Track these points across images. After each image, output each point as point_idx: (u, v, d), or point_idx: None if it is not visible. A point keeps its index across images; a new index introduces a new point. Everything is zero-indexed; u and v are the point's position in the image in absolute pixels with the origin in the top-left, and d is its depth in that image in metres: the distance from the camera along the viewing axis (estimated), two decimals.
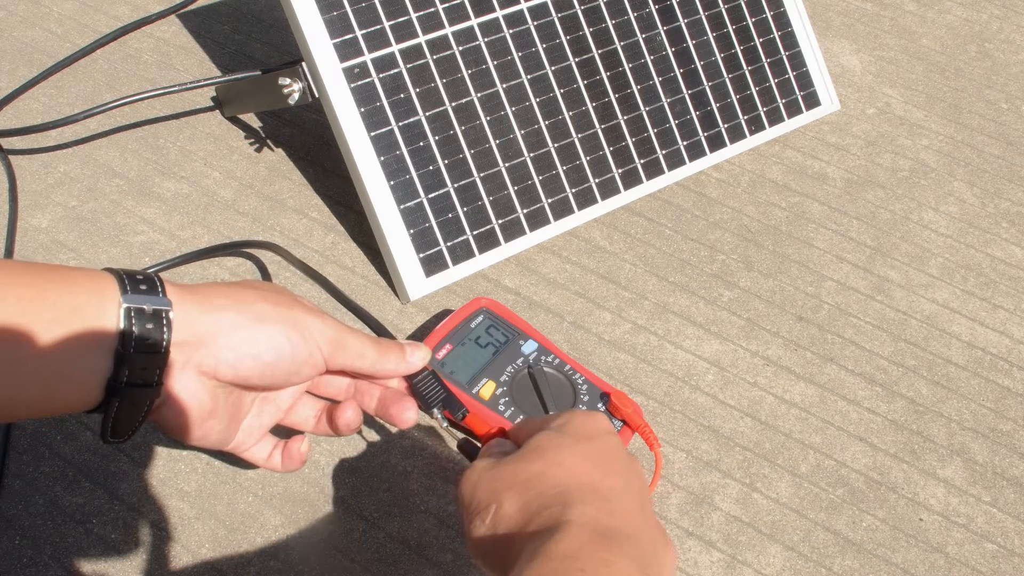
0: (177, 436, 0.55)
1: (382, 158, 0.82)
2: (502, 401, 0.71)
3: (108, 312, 0.49)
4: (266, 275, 0.84)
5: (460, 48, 0.86)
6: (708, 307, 0.85)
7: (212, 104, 1.01)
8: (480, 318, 0.76)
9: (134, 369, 0.49)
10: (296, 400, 0.62)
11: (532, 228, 0.88)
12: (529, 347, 0.75)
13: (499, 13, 0.89)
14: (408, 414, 0.60)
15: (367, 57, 0.82)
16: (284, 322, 0.55)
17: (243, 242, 0.85)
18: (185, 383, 0.53)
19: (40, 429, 0.71)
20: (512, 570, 0.43)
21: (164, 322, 0.50)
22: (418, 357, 0.61)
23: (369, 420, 0.74)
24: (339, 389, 0.63)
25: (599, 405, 0.72)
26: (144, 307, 0.49)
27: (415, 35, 0.85)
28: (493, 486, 0.48)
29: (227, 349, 0.53)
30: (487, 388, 0.71)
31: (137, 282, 0.50)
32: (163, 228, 0.87)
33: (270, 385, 0.56)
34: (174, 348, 0.51)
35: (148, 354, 0.49)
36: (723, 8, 1.00)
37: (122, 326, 0.49)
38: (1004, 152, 1.05)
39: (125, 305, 0.49)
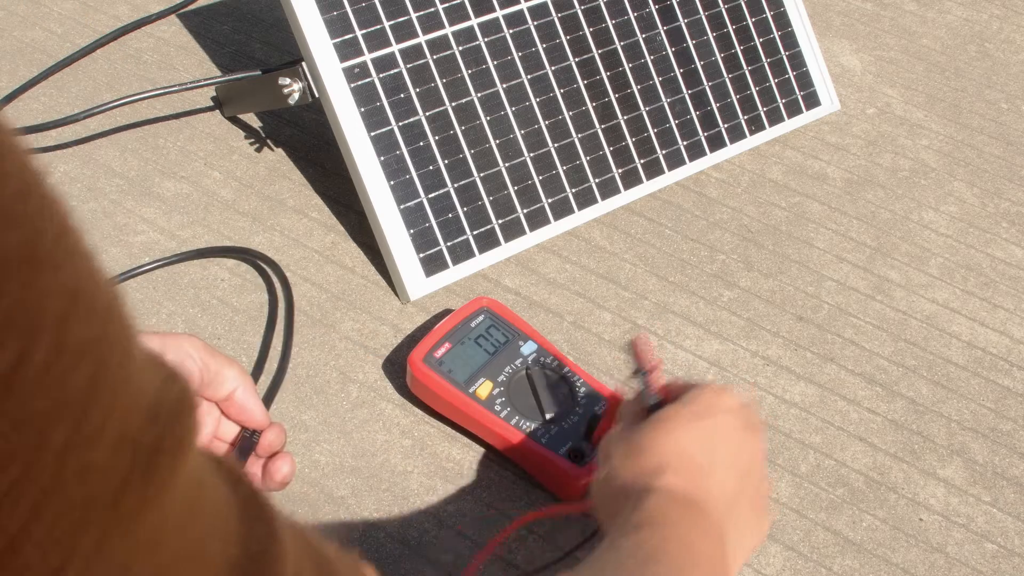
0: None
1: (382, 158, 0.82)
2: (498, 401, 0.71)
3: None
4: (265, 275, 0.84)
5: (460, 48, 0.86)
6: (708, 307, 0.85)
7: (212, 104, 1.01)
8: (481, 318, 0.76)
9: None
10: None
11: (532, 228, 0.88)
12: (528, 348, 0.75)
13: (499, 13, 0.89)
14: (284, 468, 0.58)
15: (367, 57, 0.82)
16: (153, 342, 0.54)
17: (231, 248, 0.85)
18: None
19: None
20: (615, 519, 0.50)
21: None
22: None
23: (371, 419, 0.75)
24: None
25: (597, 408, 0.72)
26: None
27: (415, 35, 0.85)
28: (617, 447, 0.54)
29: None
30: (484, 388, 0.71)
31: None
32: (163, 228, 0.87)
33: None
34: None
35: None
36: (723, 8, 1.00)
37: None
38: (1004, 152, 1.05)
39: None
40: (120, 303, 0.17)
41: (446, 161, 0.85)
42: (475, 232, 0.85)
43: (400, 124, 0.83)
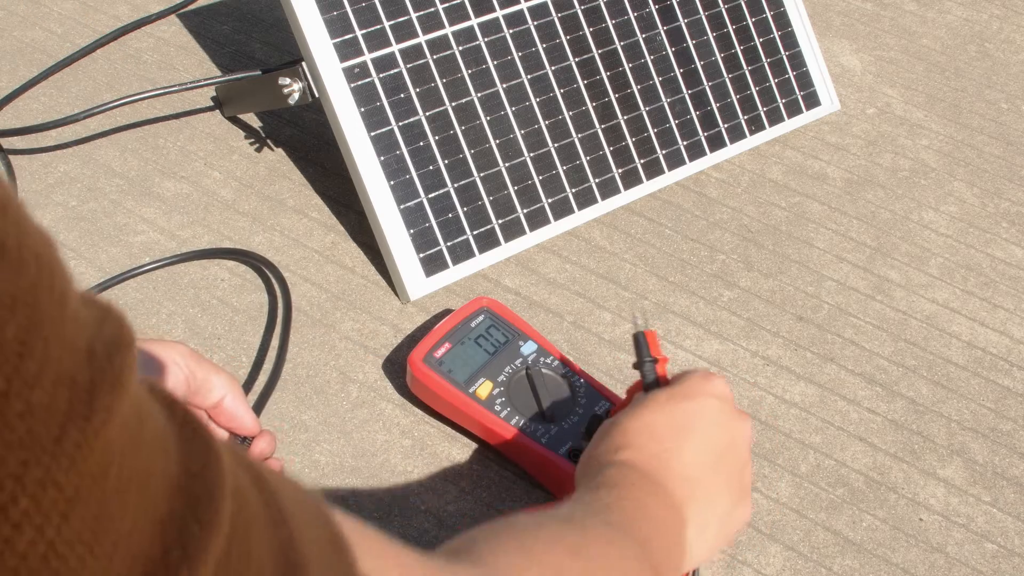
0: None
1: (382, 158, 0.82)
2: (498, 401, 0.71)
3: None
4: (265, 277, 0.84)
5: (460, 48, 0.86)
6: (708, 307, 0.85)
7: (212, 104, 1.01)
8: (481, 318, 0.76)
9: None
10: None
11: (532, 228, 0.88)
12: (528, 348, 0.75)
13: (499, 13, 0.89)
14: (260, 445, 0.60)
15: (367, 57, 0.82)
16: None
17: (232, 250, 0.85)
18: None
19: None
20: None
21: None
22: (253, 428, 0.60)
23: (371, 419, 0.74)
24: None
25: (596, 408, 0.72)
26: None
27: (415, 35, 0.85)
28: (602, 428, 0.56)
29: None
30: (484, 388, 0.71)
31: None
32: (163, 228, 0.87)
33: None
34: None
35: None
36: (723, 8, 1.00)
37: None
38: (1004, 152, 1.05)
39: None
40: (52, 250, 0.18)
41: (446, 161, 0.85)
42: (475, 232, 0.85)
43: (400, 124, 0.83)
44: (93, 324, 0.19)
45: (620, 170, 0.93)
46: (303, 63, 0.81)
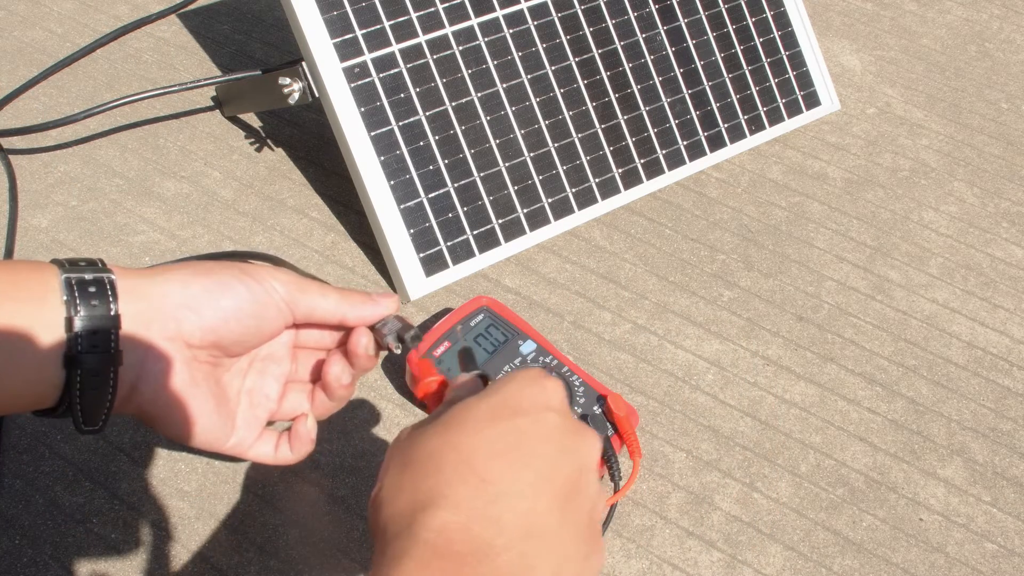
0: (164, 425, 0.55)
1: (382, 158, 0.82)
2: None
3: (51, 287, 0.50)
4: None
5: (460, 48, 0.86)
6: (708, 307, 0.85)
7: (212, 104, 1.01)
8: (480, 317, 0.76)
9: (86, 336, 0.49)
10: (285, 388, 0.63)
11: (532, 228, 0.88)
12: (527, 347, 0.75)
13: (499, 13, 0.89)
14: (362, 339, 0.59)
15: (367, 57, 0.82)
16: (235, 270, 0.55)
17: (244, 252, 0.85)
18: (154, 353, 0.52)
19: (40, 429, 0.71)
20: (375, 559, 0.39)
21: (108, 287, 0.51)
22: (386, 302, 0.60)
23: (371, 419, 0.75)
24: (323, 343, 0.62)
25: (595, 408, 0.72)
26: (85, 276, 0.50)
27: (415, 35, 0.85)
28: (394, 452, 0.42)
29: (184, 307, 0.52)
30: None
31: (77, 264, 0.52)
32: (163, 228, 0.87)
33: (240, 340, 0.55)
34: (129, 319, 0.51)
35: (97, 318, 0.50)
36: (723, 8, 1.00)
37: (64, 296, 0.49)
38: (1004, 152, 1.05)
39: (64, 276, 0.50)
40: None
41: (446, 161, 0.85)
42: (475, 232, 0.85)
43: (400, 124, 0.83)
44: None
45: (620, 170, 0.93)
46: (303, 63, 0.81)
